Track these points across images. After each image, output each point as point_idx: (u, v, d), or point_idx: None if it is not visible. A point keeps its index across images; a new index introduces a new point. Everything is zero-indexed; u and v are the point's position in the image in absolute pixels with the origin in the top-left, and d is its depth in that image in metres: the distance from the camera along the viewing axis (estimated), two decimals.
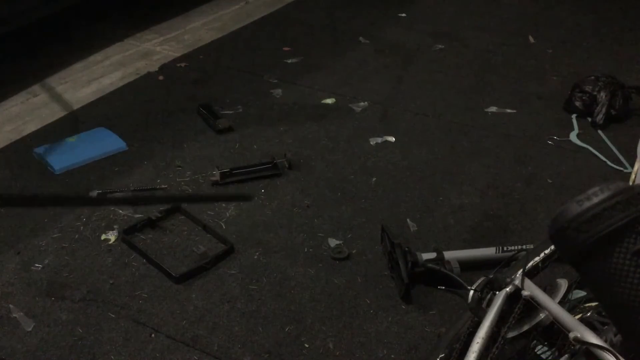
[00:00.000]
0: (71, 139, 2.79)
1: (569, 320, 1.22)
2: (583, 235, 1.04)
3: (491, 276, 1.43)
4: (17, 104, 3.14)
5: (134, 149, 2.77)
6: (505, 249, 2.11)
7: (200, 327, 1.90)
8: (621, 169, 2.68)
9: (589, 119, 3.04)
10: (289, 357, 1.81)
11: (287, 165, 2.62)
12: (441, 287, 2.03)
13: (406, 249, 2.07)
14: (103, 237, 2.25)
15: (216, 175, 2.51)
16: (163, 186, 2.52)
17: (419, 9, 4.45)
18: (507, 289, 1.36)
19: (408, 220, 2.36)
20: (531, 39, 3.99)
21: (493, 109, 3.16)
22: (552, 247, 1.45)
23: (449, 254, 2.09)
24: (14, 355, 1.79)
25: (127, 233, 2.24)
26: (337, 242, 2.25)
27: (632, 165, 2.35)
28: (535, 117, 3.10)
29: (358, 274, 2.11)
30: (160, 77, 3.42)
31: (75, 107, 3.12)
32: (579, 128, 2.99)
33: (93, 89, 3.29)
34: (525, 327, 1.35)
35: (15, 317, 1.92)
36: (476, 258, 2.11)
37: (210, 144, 2.82)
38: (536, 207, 2.44)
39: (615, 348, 1.13)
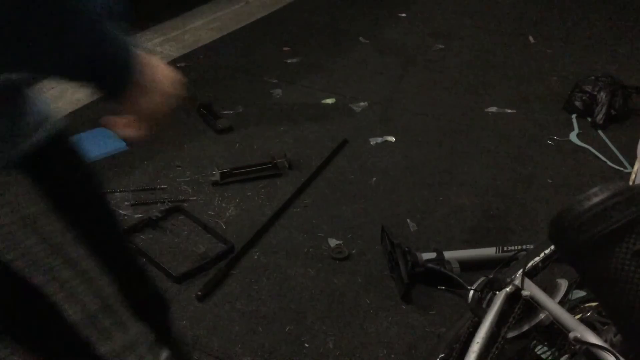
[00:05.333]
0: None
1: (569, 320, 1.22)
2: (583, 235, 1.04)
3: (491, 276, 1.43)
4: None
5: (134, 149, 2.77)
6: (505, 249, 2.11)
7: (200, 327, 1.90)
8: (621, 169, 2.68)
9: (589, 119, 3.04)
10: (289, 357, 1.81)
11: (287, 165, 2.62)
12: (441, 287, 2.03)
13: (406, 249, 2.07)
14: None
15: (216, 175, 2.51)
16: (163, 186, 2.52)
17: (419, 9, 4.45)
18: (507, 289, 1.36)
19: (408, 220, 2.36)
20: (531, 39, 4.00)
21: (493, 109, 3.17)
22: (552, 247, 1.45)
23: (449, 254, 2.09)
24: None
25: (127, 233, 2.23)
26: (337, 242, 2.25)
27: (632, 165, 2.35)
28: (535, 117, 3.11)
29: (358, 274, 2.11)
30: None
31: (75, 107, 3.12)
32: (579, 128, 2.99)
33: None
34: (525, 327, 1.35)
35: None
36: (476, 258, 2.11)
37: (210, 144, 2.83)
38: (536, 207, 2.44)
39: (615, 348, 1.13)
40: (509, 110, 3.15)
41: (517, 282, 1.34)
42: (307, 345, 1.85)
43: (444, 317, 1.94)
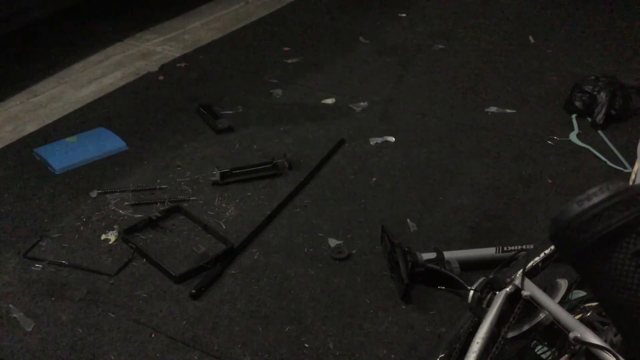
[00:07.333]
0: (71, 139, 2.79)
1: (569, 320, 1.22)
2: (583, 235, 1.04)
3: (491, 276, 1.43)
4: (17, 104, 3.14)
5: (134, 149, 2.77)
6: (505, 249, 2.11)
7: (200, 327, 1.90)
8: (621, 169, 2.68)
9: (589, 119, 3.04)
10: (289, 357, 1.81)
11: (287, 165, 2.62)
12: (441, 287, 2.03)
13: (406, 249, 2.07)
14: (103, 237, 2.25)
15: (216, 175, 2.51)
16: (163, 186, 2.52)
17: (419, 9, 4.45)
18: (507, 289, 1.36)
19: (408, 220, 2.36)
20: (531, 39, 4.00)
21: (493, 109, 3.17)
22: (552, 247, 1.45)
23: (449, 254, 2.09)
24: (13, 355, 1.79)
25: (127, 233, 2.24)
26: (337, 242, 2.25)
27: (632, 165, 2.35)
28: (535, 117, 3.10)
29: (358, 274, 2.11)
30: (161, 77, 3.42)
31: (75, 107, 3.12)
32: (579, 128, 2.99)
33: (93, 89, 3.29)
34: (525, 327, 1.35)
35: (15, 317, 1.92)
36: (476, 258, 2.11)
37: (210, 144, 2.82)
38: (536, 207, 2.44)
39: (615, 348, 1.13)
40: (509, 110, 3.15)
41: (517, 282, 1.34)
42: (307, 345, 1.85)
43: (444, 317, 1.94)
